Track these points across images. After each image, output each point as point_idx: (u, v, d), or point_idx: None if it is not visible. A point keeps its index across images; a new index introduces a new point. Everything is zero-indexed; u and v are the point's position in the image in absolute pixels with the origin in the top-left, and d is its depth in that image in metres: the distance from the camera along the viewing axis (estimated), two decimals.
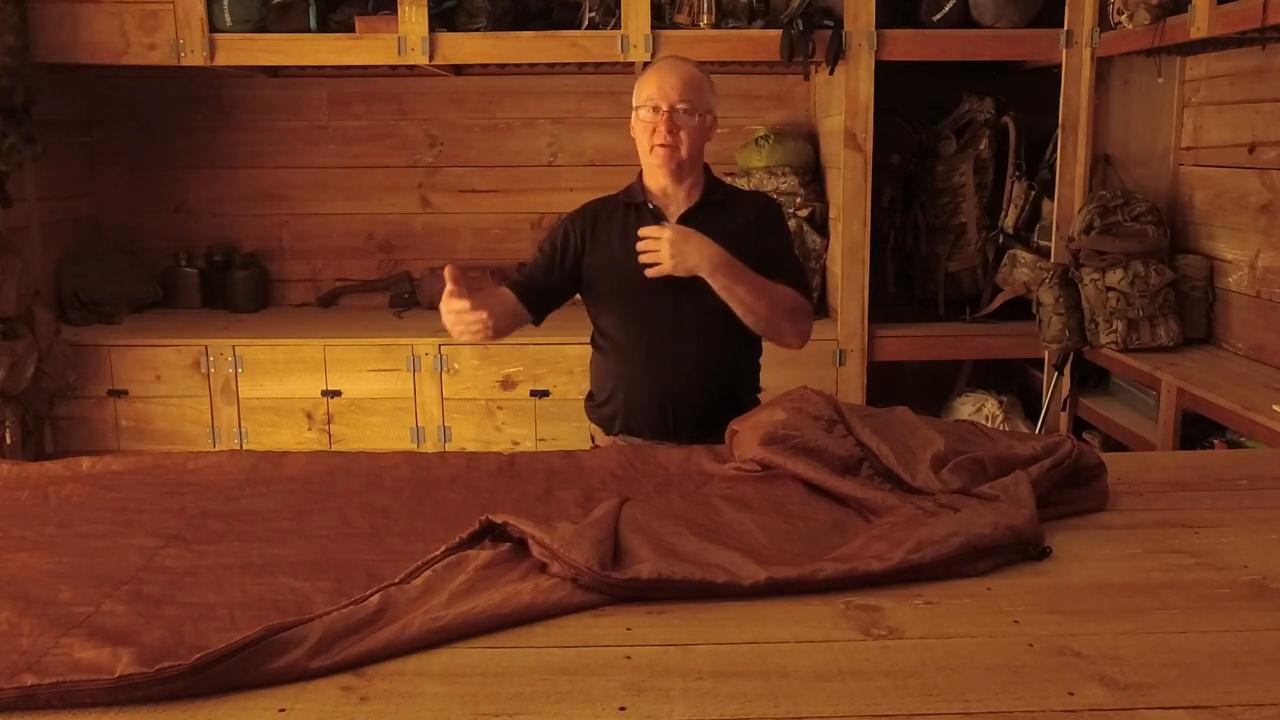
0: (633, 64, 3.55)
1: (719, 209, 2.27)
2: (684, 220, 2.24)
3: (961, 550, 1.38)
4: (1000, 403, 3.67)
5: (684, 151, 2.19)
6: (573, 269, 2.31)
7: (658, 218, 2.24)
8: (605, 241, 2.28)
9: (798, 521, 1.53)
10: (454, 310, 2.04)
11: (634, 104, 2.24)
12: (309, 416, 3.53)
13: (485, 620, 1.24)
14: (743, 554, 1.38)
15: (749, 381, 2.35)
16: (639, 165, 2.29)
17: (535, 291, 2.31)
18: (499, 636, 1.23)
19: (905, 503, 1.54)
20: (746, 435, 1.77)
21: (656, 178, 2.25)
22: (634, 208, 2.29)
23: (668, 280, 2.16)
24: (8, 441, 3.20)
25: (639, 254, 2.11)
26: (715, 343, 2.23)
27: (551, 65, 3.77)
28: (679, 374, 2.21)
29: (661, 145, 2.17)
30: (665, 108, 2.16)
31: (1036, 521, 1.46)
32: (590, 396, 2.40)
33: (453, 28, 3.47)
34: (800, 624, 1.26)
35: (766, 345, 2.32)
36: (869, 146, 3.48)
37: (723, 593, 1.32)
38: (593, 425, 2.39)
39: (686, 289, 2.16)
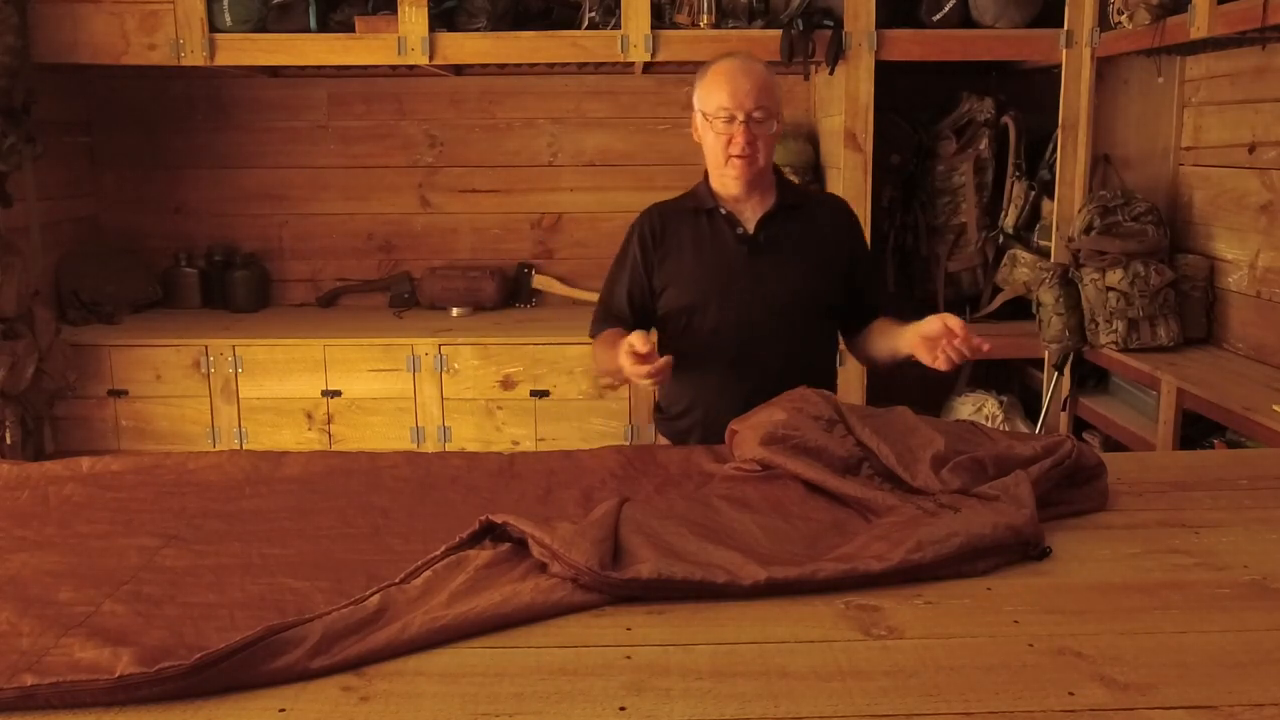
0: (632, 64, 3.55)
1: (794, 212, 2.18)
2: (761, 226, 2.16)
3: (961, 550, 1.38)
4: (1000, 403, 3.67)
5: (762, 160, 2.10)
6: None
7: (733, 225, 2.16)
8: (676, 249, 2.19)
9: (798, 521, 1.53)
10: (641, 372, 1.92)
11: (699, 108, 2.13)
12: (309, 416, 3.53)
13: (485, 620, 1.24)
14: (743, 554, 1.38)
15: (829, 387, 2.23)
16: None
17: (639, 317, 2.21)
18: (499, 636, 1.23)
19: (905, 503, 1.54)
20: (746, 435, 1.77)
21: (730, 187, 2.15)
22: (705, 214, 2.18)
23: (747, 290, 2.11)
24: (8, 441, 3.20)
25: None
26: (797, 350, 2.16)
27: (551, 65, 3.77)
28: (764, 385, 2.03)
29: (739, 157, 2.08)
30: (741, 117, 2.06)
31: (1036, 521, 1.46)
32: (659, 409, 2.31)
33: (453, 28, 3.47)
34: (800, 624, 1.26)
35: None
36: (869, 146, 3.48)
37: (723, 593, 1.31)
38: (662, 437, 2.30)
39: (766, 297, 2.10)
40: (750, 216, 2.17)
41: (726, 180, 2.15)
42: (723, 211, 2.17)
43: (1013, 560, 1.43)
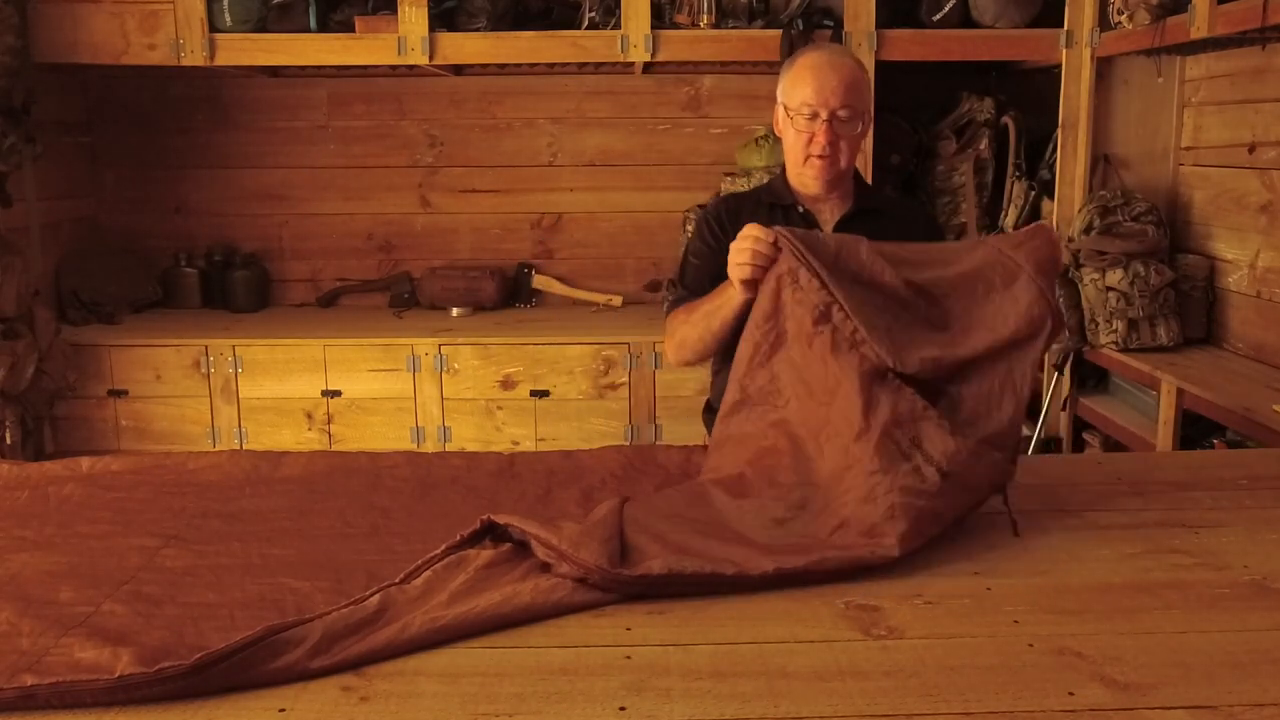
0: (632, 64, 3.55)
1: (874, 217, 2.08)
2: (838, 229, 2.08)
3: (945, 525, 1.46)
4: None
5: (844, 162, 2.03)
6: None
7: (809, 222, 2.08)
8: None
9: (794, 491, 1.54)
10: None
11: (782, 100, 2.05)
12: (309, 416, 3.53)
13: (485, 620, 1.24)
14: (748, 547, 1.40)
15: None
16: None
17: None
18: (499, 636, 1.23)
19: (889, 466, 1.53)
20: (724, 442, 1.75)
21: (809, 186, 2.08)
22: (781, 209, 2.10)
23: None
24: (8, 441, 3.20)
25: None
26: None
27: (551, 65, 3.77)
28: None
29: (820, 157, 2.00)
30: (825, 115, 1.97)
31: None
32: (710, 408, 2.21)
33: (453, 28, 3.47)
34: (800, 624, 1.26)
35: None
36: (869, 146, 3.48)
37: (733, 585, 1.33)
38: (710, 438, 2.18)
39: None
40: (828, 218, 2.10)
41: (805, 179, 2.07)
42: (800, 210, 2.10)
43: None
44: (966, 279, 1.66)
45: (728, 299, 1.88)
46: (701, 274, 2.13)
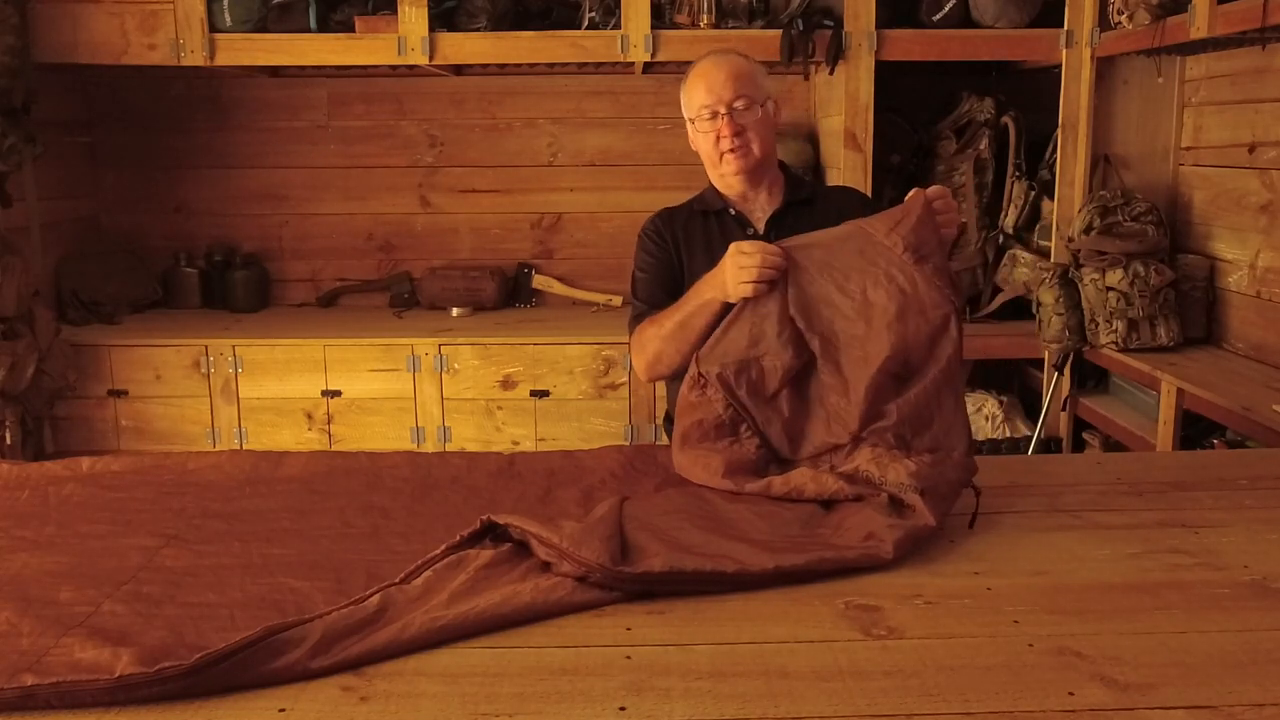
0: (632, 64, 3.55)
1: (807, 209, 2.09)
2: (771, 224, 2.08)
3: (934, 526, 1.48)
4: (1000, 403, 3.67)
5: (757, 150, 2.03)
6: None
7: (743, 226, 2.09)
8: (688, 253, 2.10)
9: (787, 505, 1.56)
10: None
11: (687, 116, 2.09)
12: (309, 416, 3.53)
13: (485, 620, 1.24)
14: (748, 544, 1.40)
15: None
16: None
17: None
18: (499, 636, 1.23)
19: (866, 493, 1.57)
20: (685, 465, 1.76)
21: (733, 185, 2.09)
22: (714, 215, 2.12)
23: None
24: (8, 441, 3.20)
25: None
26: None
27: (551, 65, 3.77)
28: None
29: (730, 151, 2.02)
30: (723, 110, 2.00)
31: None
32: (670, 420, 2.15)
33: (453, 28, 3.47)
34: (800, 624, 1.26)
35: None
36: (869, 146, 3.48)
37: (734, 582, 1.33)
38: None
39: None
40: (760, 216, 2.11)
41: (727, 178, 2.09)
42: (731, 212, 2.11)
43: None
44: (857, 281, 1.72)
45: (705, 304, 1.86)
46: (654, 286, 2.14)
